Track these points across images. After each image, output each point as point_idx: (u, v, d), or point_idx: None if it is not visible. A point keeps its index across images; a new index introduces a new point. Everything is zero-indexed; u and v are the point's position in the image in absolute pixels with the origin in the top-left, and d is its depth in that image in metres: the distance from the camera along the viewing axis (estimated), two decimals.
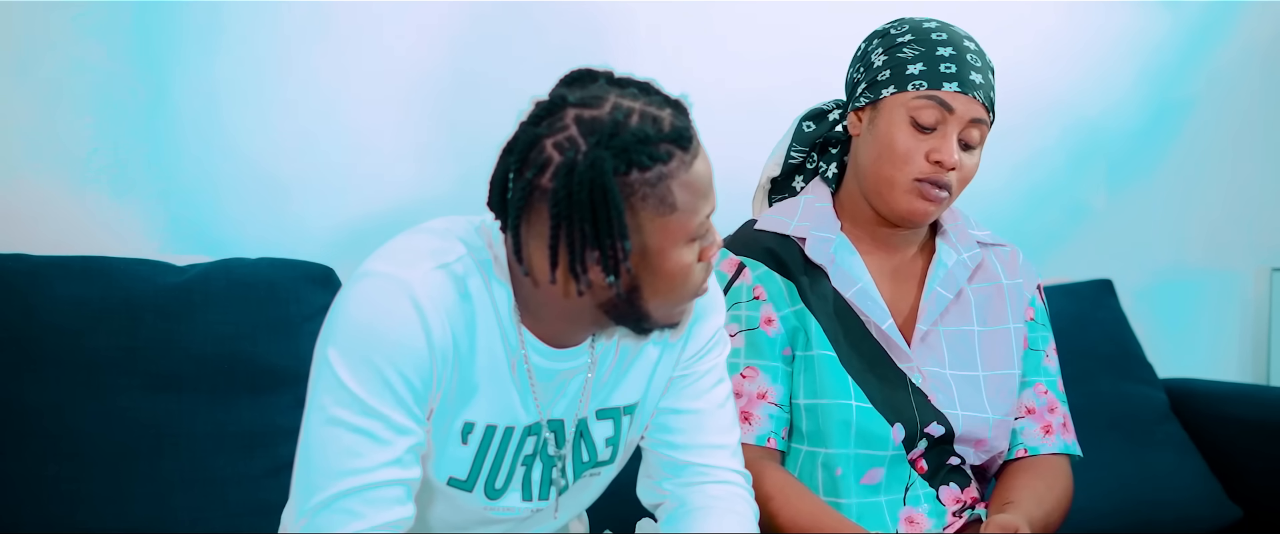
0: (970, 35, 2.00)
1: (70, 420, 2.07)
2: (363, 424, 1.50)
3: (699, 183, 1.53)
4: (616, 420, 1.71)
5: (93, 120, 2.32)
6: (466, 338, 1.56)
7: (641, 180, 1.49)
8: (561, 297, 1.55)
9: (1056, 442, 2.07)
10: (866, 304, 1.99)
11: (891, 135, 1.95)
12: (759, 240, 2.03)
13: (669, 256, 1.53)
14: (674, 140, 1.50)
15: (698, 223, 1.53)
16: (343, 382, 1.50)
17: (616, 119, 1.48)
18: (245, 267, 2.26)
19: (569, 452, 1.69)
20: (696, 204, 1.53)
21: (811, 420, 1.97)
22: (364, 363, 1.50)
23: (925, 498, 1.98)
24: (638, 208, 1.49)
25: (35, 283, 2.12)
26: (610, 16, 2.64)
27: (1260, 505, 2.67)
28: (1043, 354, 2.10)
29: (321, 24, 2.45)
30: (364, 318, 1.51)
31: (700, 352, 1.75)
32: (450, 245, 1.57)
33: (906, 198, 1.95)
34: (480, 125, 2.54)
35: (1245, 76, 3.18)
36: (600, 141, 1.47)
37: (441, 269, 1.54)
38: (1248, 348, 3.19)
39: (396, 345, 1.51)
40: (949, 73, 1.93)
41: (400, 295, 1.51)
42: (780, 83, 2.69)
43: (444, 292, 1.54)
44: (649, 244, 1.52)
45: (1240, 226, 3.22)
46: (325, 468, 1.50)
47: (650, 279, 1.54)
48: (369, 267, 1.55)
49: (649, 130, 1.49)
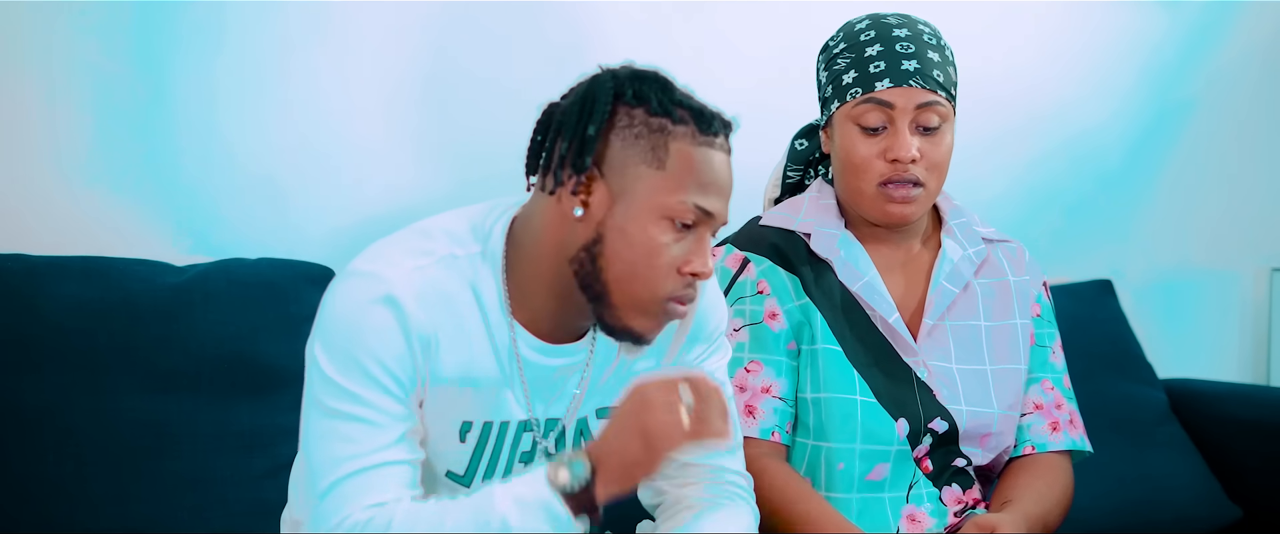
0: (907, 18, 2.00)
1: (70, 421, 2.07)
2: (356, 412, 1.52)
3: (703, 169, 1.53)
4: None
5: (93, 120, 2.32)
6: (450, 332, 1.57)
7: (642, 118, 1.52)
8: (551, 252, 1.56)
9: (1064, 438, 2.07)
10: (873, 298, 1.99)
11: (847, 148, 1.97)
12: (763, 236, 2.03)
13: (638, 220, 1.53)
14: (696, 114, 1.53)
15: (682, 206, 1.53)
16: (330, 377, 1.53)
17: (655, 71, 1.54)
18: (245, 267, 2.26)
19: (567, 448, 1.69)
20: (690, 186, 1.53)
21: (816, 415, 1.97)
22: (347, 358, 1.53)
23: (928, 497, 1.98)
24: (628, 143, 1.52)
25: (35, 283, 2.12)
26: (610, 17, 2.64)
27: (1260, 506, 2.67)
28: (1049, 350, 2.10)
29: (321, 25, 2.45)
30: (342, 316, 1.54)
31: (707, 350, 1.74)
32: (433, 243, 1.59)
33: (877, 204, 1.96)
34: (479, 127, 2.54)
35: (1245, 76, 3.18)
36: (623, 72, 1.53)
37: (419, 270, 1.56)
38: (1248, 348, 3.19)
39: (374, 340, 1.53)
40: (878, 71, 1.94)
41: (376, 292, 1.53)
42: (778, 83, 2.69)
43: (421, 287, 1.55)
44: (624, 189, 1.52)
45: (1240, 226, 3.22)
46: (326, 457, 1.52)
47: (615, 239, 1.53)
48: (351, 266, 1.58)
49: (676, 88, 1.54)
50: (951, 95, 1.98)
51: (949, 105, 1.97)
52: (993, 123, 2.92)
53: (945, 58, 1.98)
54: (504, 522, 1.49)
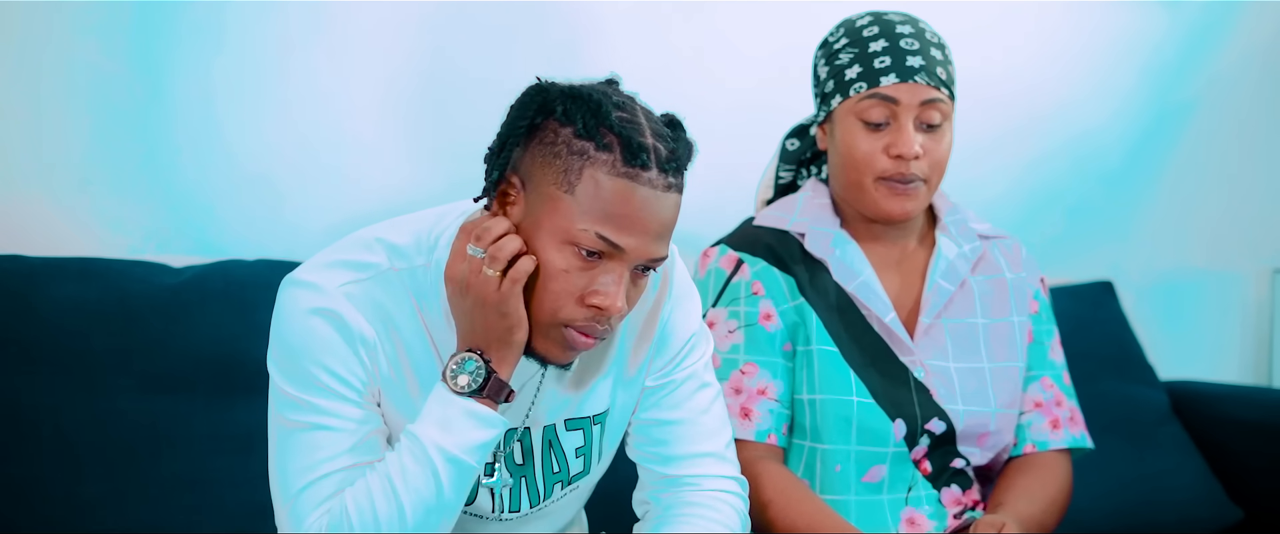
0: (909, 16, 2.00)
1: (67, 421, 2.07)
2: (314, 420, 1.53)
3: (614, 201, 1.47)
4: (587, 430, 1.69)
5: (91, 121, 2.32)
6: (391, 342, 1.56)
7: (566, 138, 1.48)
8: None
9: (1065, 436, 2.06)
10: (868, 297, 1.99)
11: (848, 143, 1.96)
12: (758, 236, 2.03)
13: (542, 240, 1.49)
14: (624, 144, 1.47)
15: (584, 234, 1.47)
16: (285, 390, 1.54)
17: (594, 88, 1.50)
18: (242, 268, 2.26)
19: (536, 461, 1.67)
20: (596, 215, 1.47)
21: (812, 416, 1.96)
22: (297, 369, 1.54)
23: (927, 499, 1.98)
24: (547, 161, 1.49)
25: (32, 284, 2.12)
26: (609, 17, 2.63)
27: (1261, 507, 2.67)
28: (1048, 347, 2.10)
29: (319, 26, 2.45)
30: (285, 329, 1.55)
31: (675, 359, 1.70)
32: (372, 256, 1.57)
33: (878, 199, 1.96)
34: (477, 127, 2.51)
35: (1246, 77, 3.18)
36: (561, 88, 1.50)
37: (356, 283, 1.55)
38: (1249, 349, 3.19)
39: (318, 350, 1.53)
40: (884, 66, 1.94)
41: (312, 303, 1.53)
42: (778, 82, 2.68)
43: (357, 299, 1.54)
44: (535, 207, 1.50)
45: (1241, 227, 3.22)
46: (293, 467, 1.53)
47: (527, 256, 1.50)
48: (290, 276, 1.58)
49: (610, 114, 1.48)
50: (953, 93, 1.98)
51: (950, 103, 1.97)
52: (993, 123, 2.92)
53: (947, 56, 1.98)
54: (440, 449, 1.50)
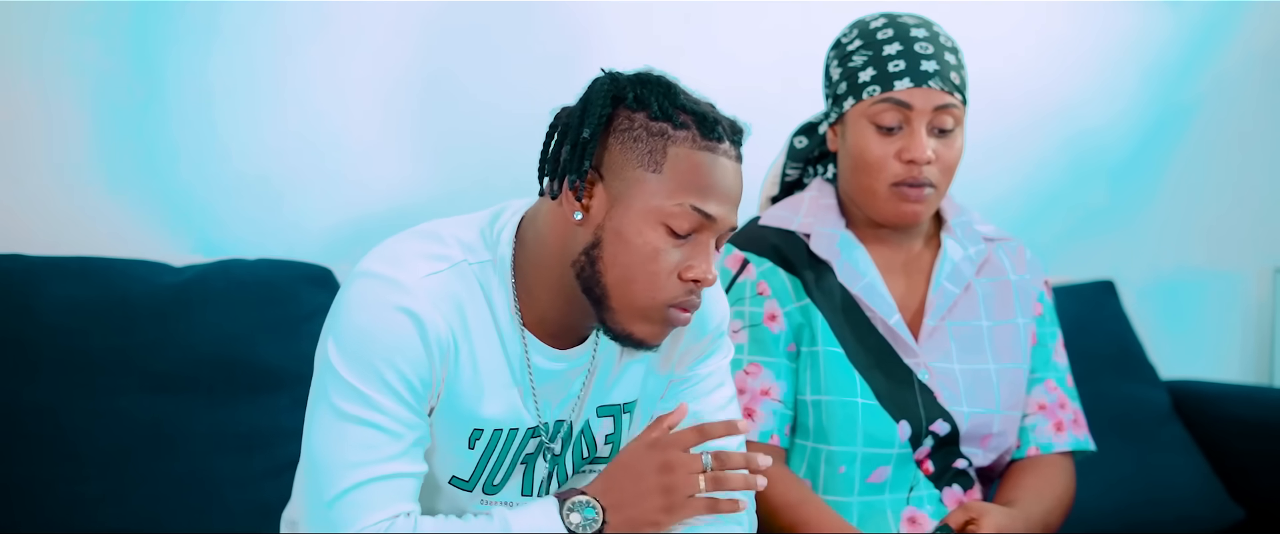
0: (923, 19, 1.99)
1: (67, 421, 2.07)
2: (372, 418, 1.51)
3: (702, 173, 1.53)
4: (617, 418, 1.71)
5: (90, 120, 2.31)
6: (465, 340, 1.57)
7: (643, 122, 1.53)
8: (555, 255, 1.56)
9: (1068, 438, 2.06)
10: (873, 299, 1.98)
11: (861, 146, 1.95)
12: (763, 236, 2.03)
13: (635, 224, 1.52)
14: (699, 121, 1.53)
15: (679, 209, 1.52)
16: (345, 379, 1.52)
17: (661, 75, 1.55)
18: (243, 267, 2.25)
19: (570, 448, 1.69)
20: (688, 189, 1.52)
21: (816, 417, 1.96)
22: (364, 362, 1.52)
23: (929, 499, 1.98)
24: (627, 147, 1.53)
25: (32, 283, 2.12)
26: (609, 19, 2.63)
27: (1262, 506, 2.67)
28: (1052, 350, 2.10)
29: (318, 25, 2.45)
30: (360, 320, 1.53)
31: (703, 353, 1.73)
32: (447, 249, 1.58)
33: (890, 204, 1.95)
34: (477, 127, 2.54)
35: (1249, 78, 3.18)
36: (627, 76, 1.55)
37: (436, 276, 1.55)
38: (1250, 349, 3.19)
39: (392, 347, 1.52)
40: (898, 71, 1.93)
41: (395, 299, 1.52)
42: (773, 83, 2.68)
43: (438, 294, 1.54)
44: (622, 192, 1.53)
45: (1243, 227, 3.21)
46: (339, 461, 1.51)
47: (613, 243, 1.53)
48: (365, 266, 1.56)
49: (681, 93, 1.54)
50: (965, 98, 1.97)
51: (963, 108, 1.96)
52: (996, 124, 2.91)
53: (960, 60, 1.98)
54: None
